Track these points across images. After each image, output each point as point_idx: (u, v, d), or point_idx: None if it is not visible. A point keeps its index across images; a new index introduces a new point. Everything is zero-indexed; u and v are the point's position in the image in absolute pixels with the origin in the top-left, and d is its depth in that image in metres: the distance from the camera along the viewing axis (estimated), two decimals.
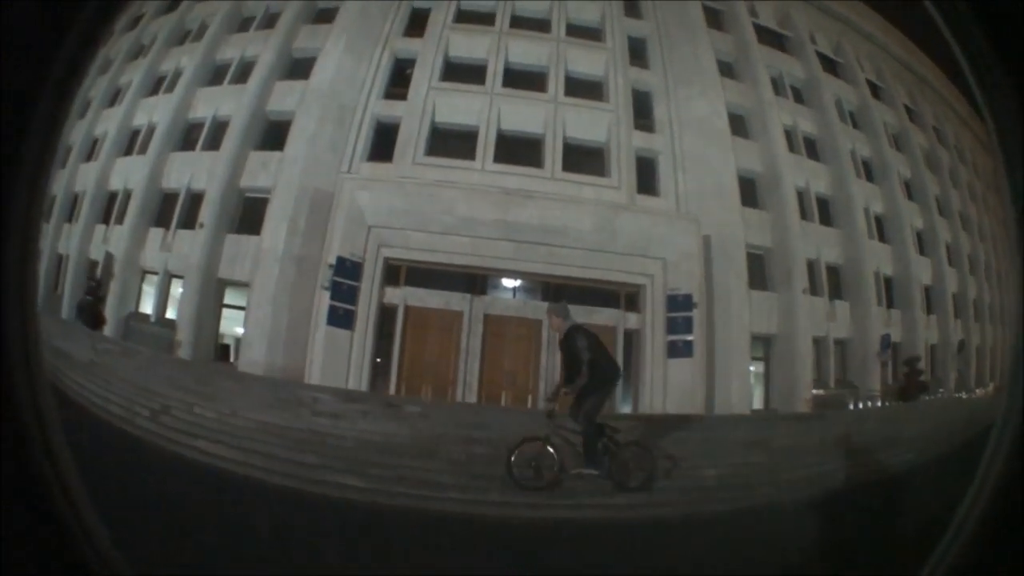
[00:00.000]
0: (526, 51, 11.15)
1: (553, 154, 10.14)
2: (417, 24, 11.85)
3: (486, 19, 11.75)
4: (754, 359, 9.98)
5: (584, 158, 10.32)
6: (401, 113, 10.75)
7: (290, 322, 9.48)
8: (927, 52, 12.37)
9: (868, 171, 11.59)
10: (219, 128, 11.84)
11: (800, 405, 9.61)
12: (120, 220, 12.25)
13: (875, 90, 12.28)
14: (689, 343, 9.04)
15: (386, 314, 9.02)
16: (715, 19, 11.77)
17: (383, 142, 10.66)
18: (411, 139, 10.39)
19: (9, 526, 1.02)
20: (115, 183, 12.54)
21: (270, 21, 12.86)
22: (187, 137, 12.31)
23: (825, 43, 12.67)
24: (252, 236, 10.42)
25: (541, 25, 11.63)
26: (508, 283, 9.37)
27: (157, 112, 12.30)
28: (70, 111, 1.19)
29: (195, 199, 11.31)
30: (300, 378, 9.10)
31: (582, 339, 5.83)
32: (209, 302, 10.50)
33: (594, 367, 5.78)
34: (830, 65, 12.51)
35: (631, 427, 6.75)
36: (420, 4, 12.07)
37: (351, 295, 8.75)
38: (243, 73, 12.31)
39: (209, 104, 12.09)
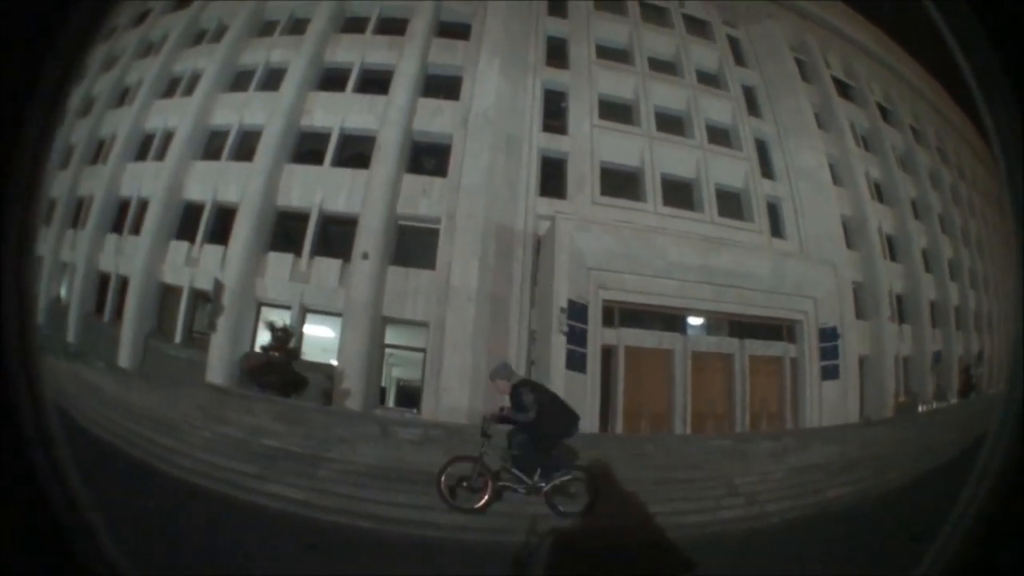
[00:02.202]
0: (666, 95, 11.88)
1: (709, 199, 11.12)
2: (556, 55, 11.91)
3: (623, 56, 12.21)
4: None
5: (727, 203, 11.48)
6: (568, 149, 10.88)
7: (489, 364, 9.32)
8: (923, 62, 14.63)
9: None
10: (348, 141, 10.85)
11: (887, 412, 12.00)
12: (216, 239, 10.63)
13: (884, 112, 14.75)
14: (836, 367, 10.82)
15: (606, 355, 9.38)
16: (803, 70, 13.52)
17: (549, 177, 10.74)
18: (584, 177, 10.63)
19: (10, 527, 1.04)
20: (223, 194, 10.88)
21: (383, 27, 11.91)
22: (300, 147, 11.02)
23: (838, 66, 14.78)
24: (422, 270, 9.87)
25: (670, 68, 12.42)
26: (696, 321, 10.24)
27: (271, 120, 10.81)
28: (65, 113, 1.18)
29: (328, 221, 10.31)
30: None
31: (529, 394, 5.79)
32: (376, 344, 9.73)
33: (539, 422, 5.70)
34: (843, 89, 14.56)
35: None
36: (555, 32, 12.11)
37: (583, 338, 8.96)
38: (370, 83, 11.33)
39: (341, 115, 10.98)
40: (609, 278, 9.38)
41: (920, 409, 12.33)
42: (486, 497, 5.68)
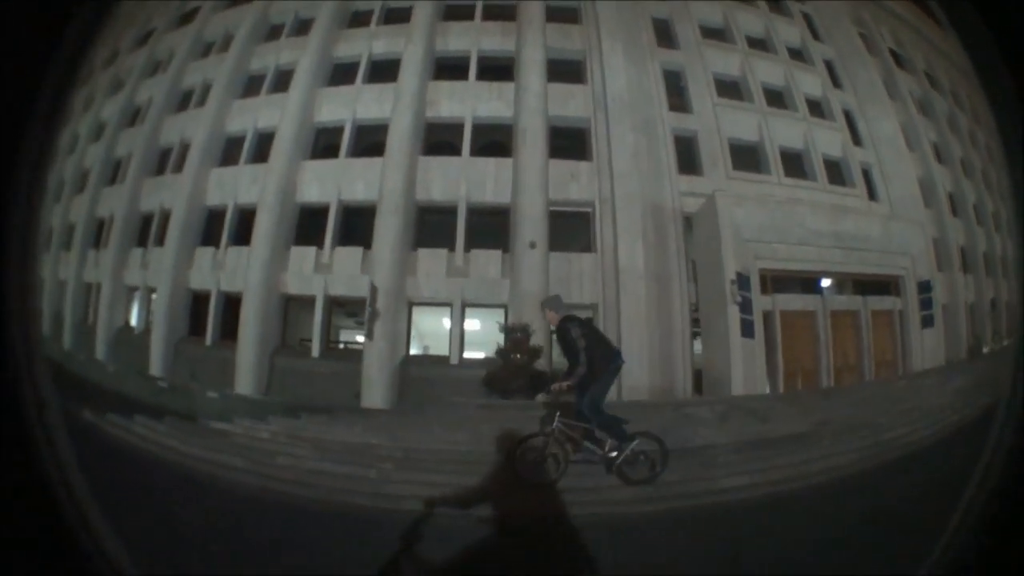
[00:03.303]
0: (767, 71, 12.52)
1: (820, 168, 11.98)
2: (663, 36, 12.29)
3: (721, 36, 12.73)
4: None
5: (831, 171, 12.38)
6: (696, 127, 11.41)
7: (661, 340, 9.96)
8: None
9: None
10: (480, 131, 10.96)
11: (963, 354, 13.48)
12: (347, 240, 10.63)
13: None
14: (932, 316, 12.07)
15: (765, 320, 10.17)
16: (868, 44, 14.47)
17: (682, 155, 11.26)
18: (716, 154, 11.22)
19: (12, 528, 1.04)
20: (349, 193, 10.80)
21: (495, 12, 11.96)
22: (429, 138, 11.06)
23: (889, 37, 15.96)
24: (583, 254, 10.26)
25: (763, 45, 13.05)
26: (827, 283, 11.17)
27: (397, 115, 10.80)
28: (62, 131, 1.18)
29: (478, 213, 10.49)
30: (674, 394, 9.80)
31: (576, 329, 5.78)
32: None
33: (591, 355, 5.69)
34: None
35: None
36: (658, 14, 12.46)
37: (749, 306, 9.71)
38: (487, 70, 11.42)
39: (471, 103, 11.07)
40: (762, 248, 10.10)
41: (984, 350, 13.90)
42: (559, 471, 5.64)
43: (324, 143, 11.79)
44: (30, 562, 1.08)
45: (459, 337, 10.01)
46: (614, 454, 5.66)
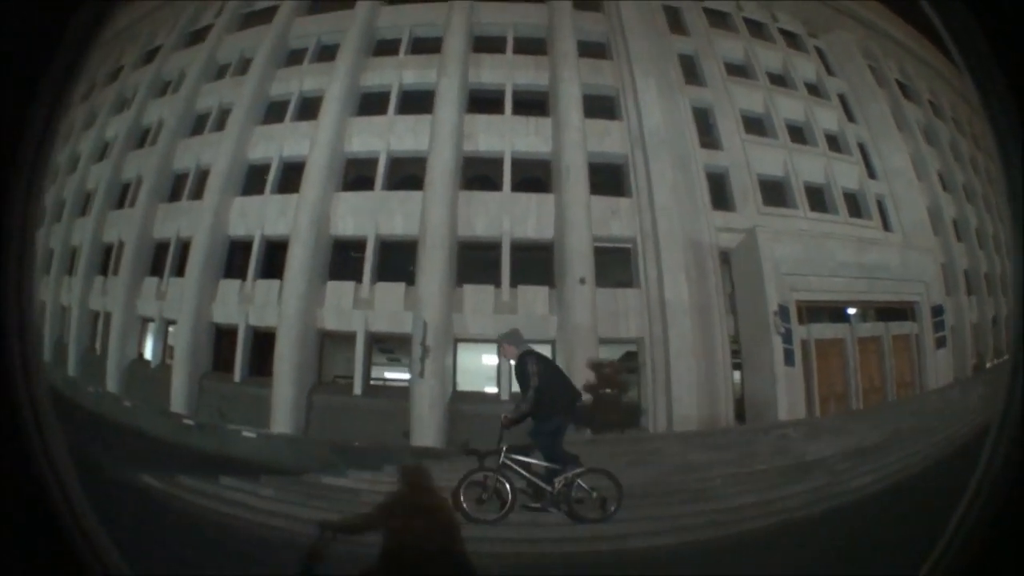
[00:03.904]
0: (788, 107, 13.09)
1: (840, 201, 12.56)
2: (690, 72, 12.75)
3: (743, 72, 13.25)
4: None
5: (849, 202, 12.97)
6: (726, 163, 11.86)
7: (707, 372, 10.33)
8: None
9: None
10: (520, 166, 11.22)
11: (968, 371, 14.20)
12: (387, 277, 10.72)
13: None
14: (944, 337, 12.73)
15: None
16: (878, 76, 15.18)
17: (715, 191, 11.70)
18: (747, 189, 11.69)
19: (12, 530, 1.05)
20: (391, 226, 10.86)
21: (526, 46, 12.26)
22: (467, 172, 11.27)
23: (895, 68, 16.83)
24: (627, 289, 10.58)
25: (782, 80, 13.62)
26: (852, 311, 11.72)
27: (437, 147, 11.03)
28: (55, 147, 1.16)
29: (521, 248, 10.73)
30: (719, 424, 10.17)
31: (533, 365, 5.79)
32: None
33: (541, 394, 5.69)
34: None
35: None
36: (683, 50, 12.93)
37: (790, 336, 10.16)
38: (521, 104, 11.70)
39: (508, 138, 11.31)
40: (798, 281, 10.59)
41: (987, 365, 14.67)
42: (505, 508, 5.61)
43: (355, 174, 11.87)
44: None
45: (507, 374, 10.18)
46: (562, 488, 5.59)
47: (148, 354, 11.97)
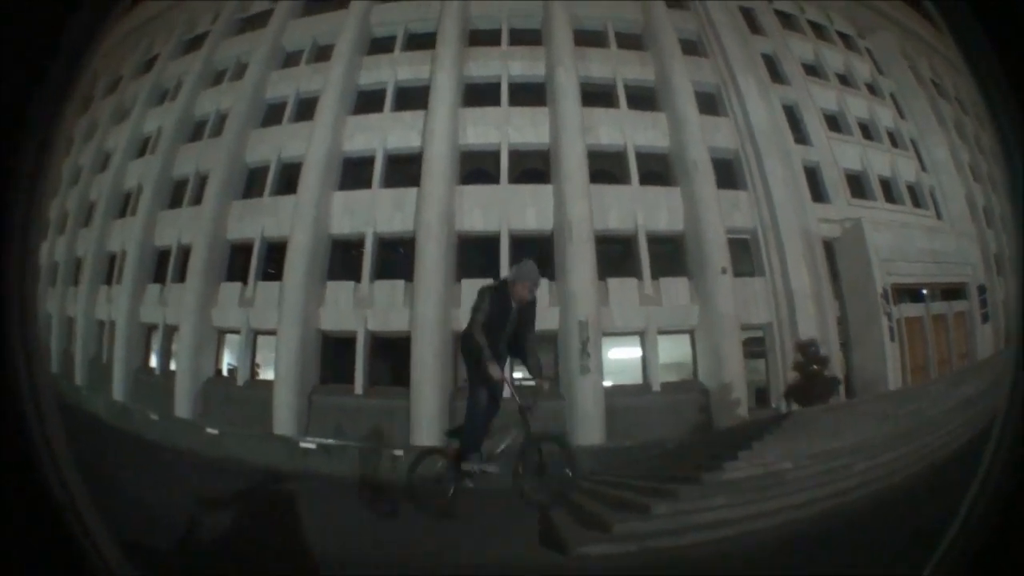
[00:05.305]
0: (856, 105, 14.28)
1: (905, 193, 13.93)
2: (773, 71, 13.66)
3: (814, 71, 14.30)
4: None
5: (911, 194, 14.38)
6: (817, 158, 12.91)
7: None
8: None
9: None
10: (641, 159, 11.85)
11: (1002, 343, 16.13)
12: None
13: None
14: (987, 313, 14.47)
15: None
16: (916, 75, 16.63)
17: (811, 184, 12.74)
18: (837, 183, 12.80)
19: (12, 531, 1.08)
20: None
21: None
22: (593, 166, 11.79)
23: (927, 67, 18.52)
24: (754, 278, 11.47)
25: (845, 80, 14.78)
26: (925, 291, 13.14)
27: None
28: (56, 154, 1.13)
29: (656, 241, 11.41)
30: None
31: (487, 294, 5.45)
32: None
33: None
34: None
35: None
36: (765, 50, 13.81)
37: (891, 316, 11.41)
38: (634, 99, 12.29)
39: (625, 131, 11.88)
40: (891, 266, 11.83)
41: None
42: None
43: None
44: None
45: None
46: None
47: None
